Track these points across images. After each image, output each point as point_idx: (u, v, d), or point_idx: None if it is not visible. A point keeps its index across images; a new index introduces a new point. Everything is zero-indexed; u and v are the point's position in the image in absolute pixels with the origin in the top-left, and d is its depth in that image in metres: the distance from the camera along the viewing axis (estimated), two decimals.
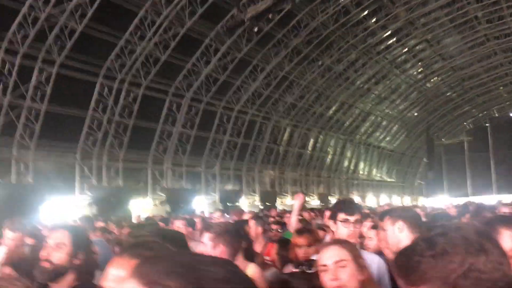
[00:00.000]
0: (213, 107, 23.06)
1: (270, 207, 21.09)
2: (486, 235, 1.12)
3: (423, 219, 4.96)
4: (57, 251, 2.22)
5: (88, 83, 18.30)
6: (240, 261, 3.60)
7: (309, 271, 2.62)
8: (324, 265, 2.28)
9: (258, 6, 17.49)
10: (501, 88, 35.59)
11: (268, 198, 24.96)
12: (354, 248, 2.43)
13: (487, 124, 35.88)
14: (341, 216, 3.07)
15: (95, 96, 18.57)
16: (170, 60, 20.06)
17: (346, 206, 3.19)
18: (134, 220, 12.66)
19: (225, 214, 10.73)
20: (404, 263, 1.14)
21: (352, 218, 3.08)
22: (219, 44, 20.87)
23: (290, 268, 2.98)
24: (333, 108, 29.72)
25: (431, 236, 1.13)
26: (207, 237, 2.89)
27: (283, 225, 6.41)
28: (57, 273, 2.19)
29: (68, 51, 16.82)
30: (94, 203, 17.62)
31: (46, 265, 2.19)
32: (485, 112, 38.74)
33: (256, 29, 20.21)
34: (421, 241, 1.14)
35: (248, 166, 25.93)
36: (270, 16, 18.90)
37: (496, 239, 1.14)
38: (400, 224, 2.85)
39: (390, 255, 2.75)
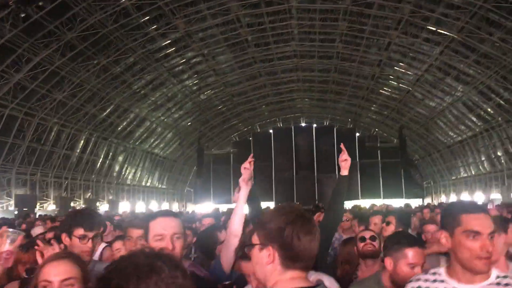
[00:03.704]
0: None
1: (28, 213, 19.09)
2: (157, 255, 1.14)
3: None
4: None
5: None
6: None
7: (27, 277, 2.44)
8: (48, 281, 2.03)
9: None
10: (264, 106, 39.91)
11: (26, 203, 22.53)
12: (85, 264, 2.25)
13: (250, 138, 39.71)
14: (79, 231, 2.70)
15: None
16: None
17: (84, 219, 2.78)
18: None
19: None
20: None
21: (91, 234, 2.72)
22: None
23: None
24: (108, 110, 28.68)
25: (107, 271, 1.10)
26: None
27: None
28: None
29: None
30: None
31: None
32: (249, 127, 42.73)
33: (23, 15, 18.14)
34: (98, 280, 1.11)
35: (4, 167, 22.96)
36: (40, 3, 17.23)
37: (168, 255, 1.17)
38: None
39: None
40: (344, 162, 3.28)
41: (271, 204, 25.97)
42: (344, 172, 3.31)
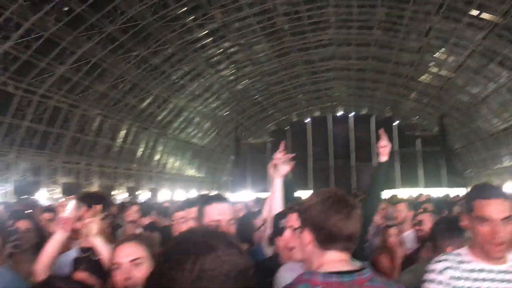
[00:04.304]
0: (11, 89, 20.55)
1: None
2: (213, 233, 1.23)
3: None
4: None
5: None
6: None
7: (95, 258, 2.58)
8: (119, 263, 2.19)
9: None
10: (300, 95, 39.67)
11: (71, 190, 23.39)
12: (153, 244, 2.40)
13: (287, 128, 39.64)
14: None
15: None
16: None
17: (95, 200, 3.16)
18: None
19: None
20: (149, 279, 1.18)
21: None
22: (22, 19, 18.72)
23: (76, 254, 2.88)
24: (147, 101, 29.28)
25: (168, 248, 1.20)
26: None
27: None
28: None
29: None
30: None
31: None
32: (286, 116, 42.56)
33: (66, 9, 18.73)
34: (159, 255, 1.21)
35: (50, 156, 23.90)
36: None
37: (223, 234, 1.26)
38: None
39: None
40: (384, 148, 3.19)
41: (308, 193, 25.95)
42: (383, 158, 3.21)
